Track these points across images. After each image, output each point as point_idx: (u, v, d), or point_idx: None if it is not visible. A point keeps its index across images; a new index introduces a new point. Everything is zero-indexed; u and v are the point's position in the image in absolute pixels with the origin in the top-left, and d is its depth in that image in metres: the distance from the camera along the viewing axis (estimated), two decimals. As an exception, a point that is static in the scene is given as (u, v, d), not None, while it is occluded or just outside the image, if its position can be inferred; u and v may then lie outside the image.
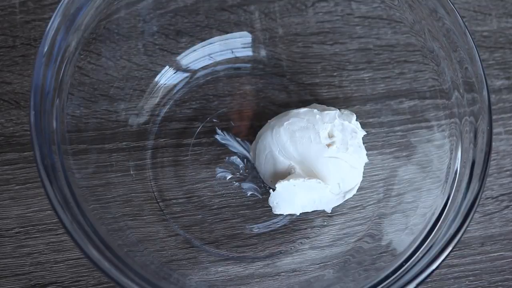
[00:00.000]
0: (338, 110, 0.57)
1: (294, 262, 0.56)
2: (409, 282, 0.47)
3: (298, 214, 0.57)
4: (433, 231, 0.49)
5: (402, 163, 0.57)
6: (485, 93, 0.51)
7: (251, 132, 0.60)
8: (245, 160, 0.59)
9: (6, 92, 0.60)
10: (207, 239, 0.57)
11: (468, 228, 0.57)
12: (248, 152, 0.59)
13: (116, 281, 0.46)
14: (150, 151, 0.59)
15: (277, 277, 0.56)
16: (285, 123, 0.56)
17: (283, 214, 0.57)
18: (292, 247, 0.57)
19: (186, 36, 0.60)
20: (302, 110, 0.57)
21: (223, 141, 0.59)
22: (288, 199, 0.55)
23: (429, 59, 0.55)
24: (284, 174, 0.56)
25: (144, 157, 0.58)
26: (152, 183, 0.58)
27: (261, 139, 0.57)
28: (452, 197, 0.50)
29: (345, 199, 0.57)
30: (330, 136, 0.56)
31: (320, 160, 0.55)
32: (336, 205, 0.57)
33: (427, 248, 0.48)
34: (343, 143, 0.55)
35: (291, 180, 0.55)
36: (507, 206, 0.60)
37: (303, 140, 0.56)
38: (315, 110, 0.57)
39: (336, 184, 0.56)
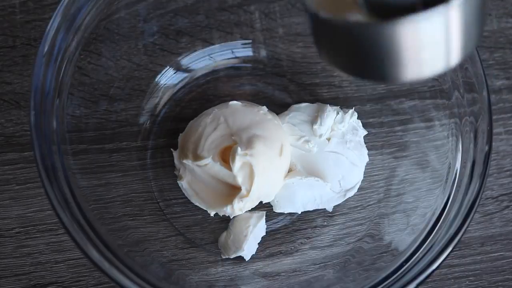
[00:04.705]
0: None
1: (294, 262, 0.56)
2: (410, 282, 0.47)
3: (299, 212, 0.57)
4: (433, 231, 0.49)
5: (402, 163, 0.57)
6: (485, 93, 0.51)
7: (251, 132, 0.59)
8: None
9: (6, 92, 0.60)
10: (207, 239, 0.57)
11: (468, 228, 0.57)
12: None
13: (116, 281, 0.46)
14: (150, 151, 0.59)
15: (277, 277, 0.56)
16: (286, 117, 0.56)
17: (283, 213, 0.57)
18: (292, 247, 0.57)
19: (186, 36, 0.60)
20: (303, 104, 0.57)
21: (223, 141, 0.59)
22: (289, 197, 0.56)
23: (429, 59, 0.55)
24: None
25: (144, 157, 0.58)
26: (152, 183, 0.58)
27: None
28: (453, 197, 0.50)
29: (345, 198, 0.57)
30: (331, 129, 0.56)
31: (320, 155, 0.55)
32: (337, 203, 0.57)
33: (427, 248, 0.48)
34: (343, 136, 0.56)
35: (290, 177, 0.55)
36: (507, 206, 0.60)
37: (303, 135, 0.56)
38: (315, 105, 0.57)
39: (336, 181, 0.56)
